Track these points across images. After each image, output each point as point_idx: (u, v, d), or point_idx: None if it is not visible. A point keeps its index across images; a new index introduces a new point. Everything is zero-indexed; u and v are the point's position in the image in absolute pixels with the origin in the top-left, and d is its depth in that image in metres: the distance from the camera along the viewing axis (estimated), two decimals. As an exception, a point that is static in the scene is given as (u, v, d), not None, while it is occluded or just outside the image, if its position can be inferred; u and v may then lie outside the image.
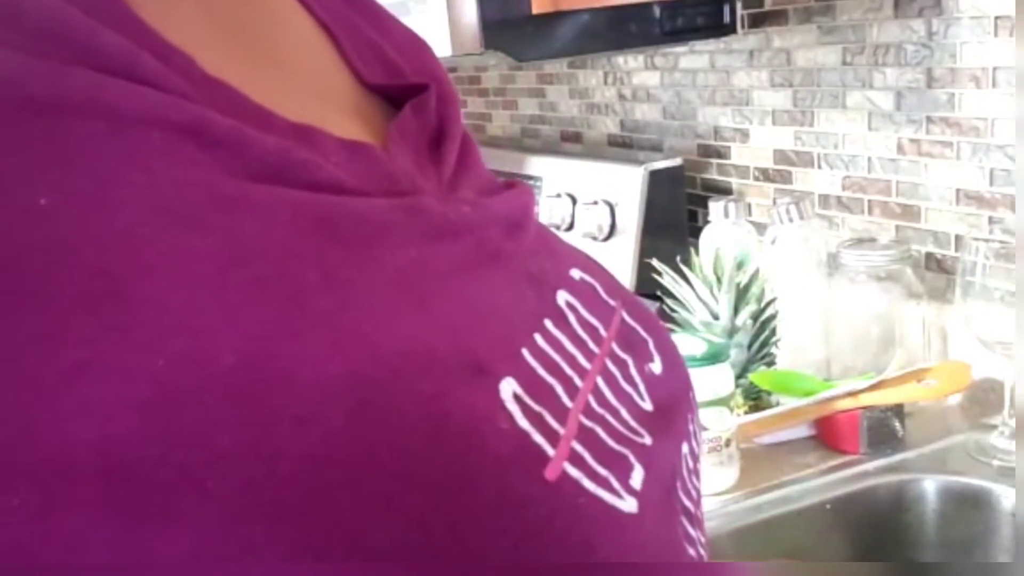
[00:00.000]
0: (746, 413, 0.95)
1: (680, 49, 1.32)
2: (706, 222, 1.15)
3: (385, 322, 0.25)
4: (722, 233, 1.11)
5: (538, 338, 0.30)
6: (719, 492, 0.84)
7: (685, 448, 0.36)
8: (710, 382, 0.83)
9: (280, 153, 0.26)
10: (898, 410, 0.90)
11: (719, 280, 0.97)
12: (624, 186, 1.29)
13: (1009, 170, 0.93)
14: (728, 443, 0.84)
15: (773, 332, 0.99)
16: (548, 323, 0.32)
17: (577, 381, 0.31)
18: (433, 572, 0.23)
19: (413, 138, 0.34)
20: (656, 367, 0.37)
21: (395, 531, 0.23)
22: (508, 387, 0.27)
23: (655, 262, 1.03)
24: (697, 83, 1.32)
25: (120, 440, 0.20)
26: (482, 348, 0.27)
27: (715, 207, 1.12)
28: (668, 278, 1.01)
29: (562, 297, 0.34)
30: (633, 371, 0.35)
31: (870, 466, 0.87)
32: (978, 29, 0.93)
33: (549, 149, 1.56)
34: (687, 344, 0.85)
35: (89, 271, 0.21)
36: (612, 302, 0.38)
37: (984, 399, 0.94)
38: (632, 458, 0.30)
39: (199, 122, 0.24)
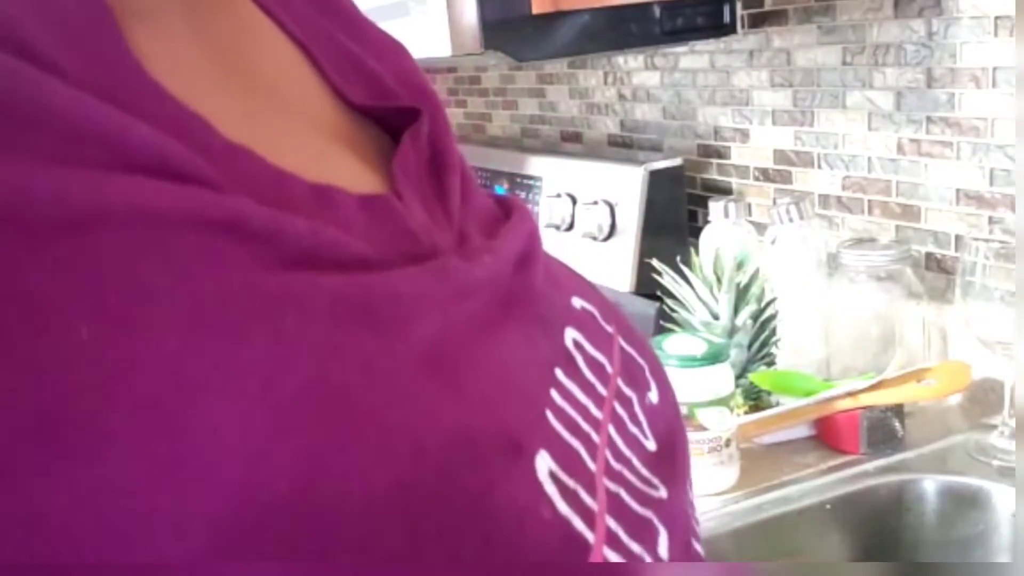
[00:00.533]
0: (746, 413, 0.95)
1: (680, 49, 1.32)
2: (706, 222, 1.15)
3: (425, 411, 0.25)
4: (722, 233, 1.11)
5: (554, 394, 0.30)
6: (719, 492, 0.84)
7: (689, 492, 0.36)
8: (710, 382, 0.83)
9: (311, 236, 0.25)
10: (898, 410, 0.90)
11: (719, 280, 0.97)
12: (624, 186, 1.29)
13: (1009, 170, 0.93)
14: (728, 443, 0.84)
15: (773, 332, 0.99)
16: (559, 372, 0.31)
17: (594, 436, 0.30)
18: None
19: (415, 173, 0.34)
20: (654, 396, 0.37)
21: None
22: (544, 464, 0.26)
23: (655, 262, 1.03)
24: (697, 83, 1.32)
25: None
26: (514, 419, 0.27)
27: (715, 207, 1.12)
28: (668, 278, 1.01)
29: (569, 336, 0.33)
30: (637, 408, 0.35)
31: (870, 466, 0.87)
32: (978, 29, 0.93)
33: (549, 149, 1.56)
34: (687, 344, 0.85)
35: (136, 405, 0.20)
36: (609, 328, 0.37)
37: (984, 399, 0.94)
38: (655, 520, 0.30)
39: (234, 216, 0.23)
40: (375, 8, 1.15)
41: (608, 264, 1.31)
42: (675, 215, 1.31)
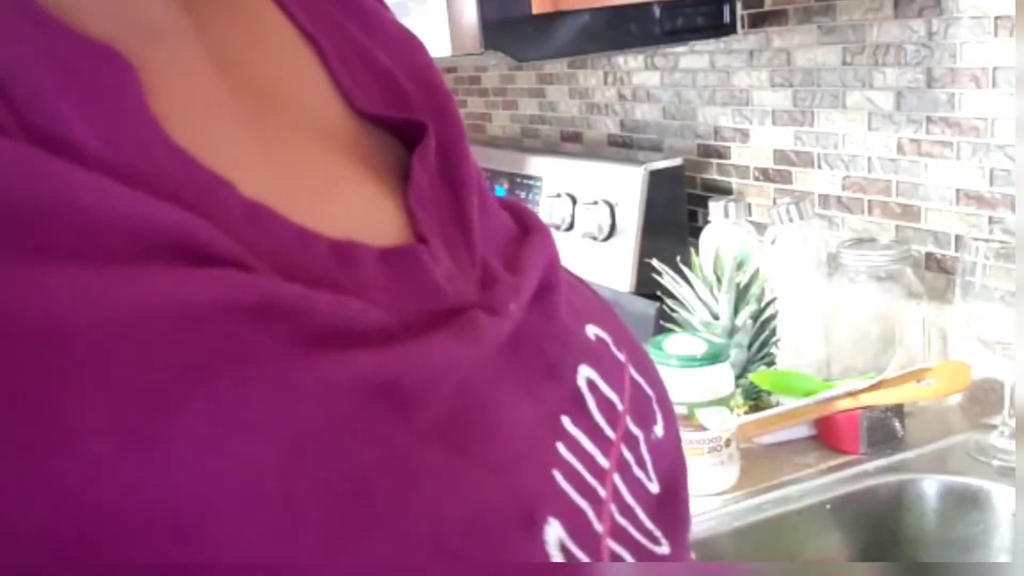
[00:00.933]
0: (746, 413, 0.95)
1: (680, 49, 1.32)
2: (706, 222, 1.15)
3: (443, 491, 0.24)
4: (722, 233, 1.11)
5: (560, 448, 0.29)
6: (719, 492, 0.84)
7: (689, 541, 0.36)
8: (710, 382, 0.83)
9: (337, 311, 0.25)
10: (898, 410, 0.90)
11: (719, 280, 0.97)
12: (624, 186, 1.29)
13: (1009, 170, 0.93)
14: (728, 443, 0.84)
15: (773, 332, 0.99)
16: (566, 421, 0.30)
17: (600, 491, 0.29)
18: None
19: (429, 197, 0.32)
20: (659, 430, 0.36)
21: None
22: (553, 533, 0.26)
23: (655, 262, 1.03)
24: (697, 83, 1.32)
25: None
26: (525, 488, 0.26)
27: (715, 207, 1.12)
28: (668, 278, 1.01)
29: (583, 375, 0.32)
30: (643, 448, 0.34)
31: (870, 466, 0.87)
32: (978, 29, 0.93)
33: (549, 149, 1.56)
34: (687, 344, 0.85)
35: (154, 528, 0.20)
36: (622, 357, 0.36)
37: (984, 399, 0.94)
38: None
39: (266, 299, 0.23)
40: (375, 8, 1.14)
41: (608, 264, 1.31)
42: (675, 215, 1.31)
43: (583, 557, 0.26)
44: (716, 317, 0.97)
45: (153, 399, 0.20)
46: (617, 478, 0.31)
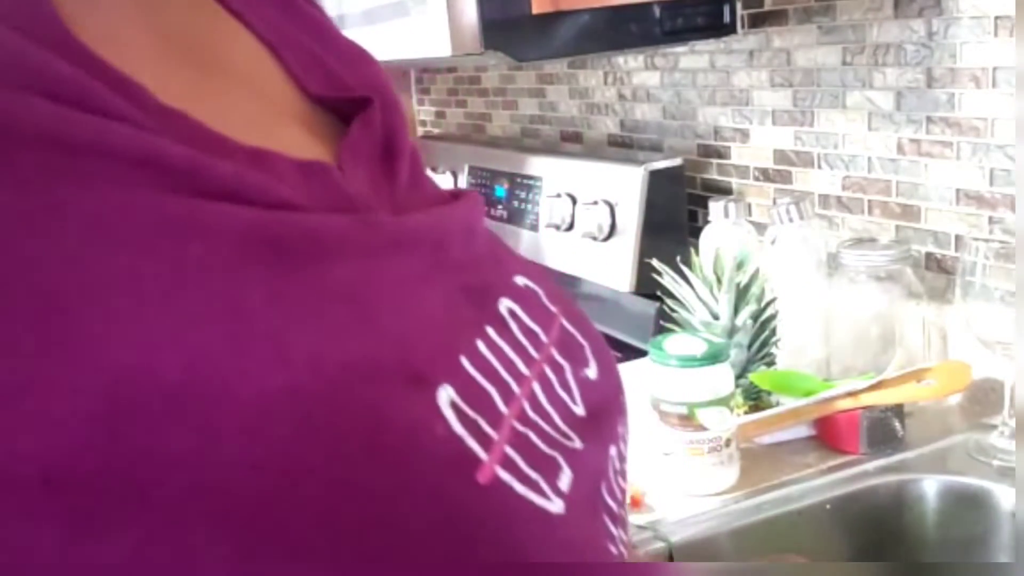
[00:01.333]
0: (746, 413, 0.95)
1: (680, 49, 1.32)
2: (706, 222, 1.15)
3: (329, 336, 0.26)
4: (722, 233, 1.11)
5: (480, 344, 0.32)
6: (719, 492, 0.84)
7: (613, 451, 0.38)
8: (710, 382, 0.83)
9: (234, 177, 0.26)
10: (898, 410, 0.90)
11: (719, 280, 0.97)
12: (624, 186, 1.29)
13: (1009, 170, 0.93)
14: (728, 443, 0.84)
15: (773, 332, 0.99)
16: (490, 330, 0.33)
17: (514, 387, 0.32)
18: (369, 574, 0.24)
19: (364, 154, 0.36)
20: (591, 372, 0.39)
21: (332, 536, 0.24)
22: (445, 394, 0.28)
23: (655, 262, 1.03)
24: (697, 83, 1.32)
25: (65, 452, 0.21)
26: (422, 357, 0.29)
27: (715, 207, 1.12)
28: (668, 278, 1.01)
29: (504, 304, 0.35)
30: (569, 376, 0.37)
31: (870, 466, 0.87)
32: (978, 29, 0.93)
33: (549, 149, 1.57)
34: (687, 344, 0.85)
35: (35, 292, 0.22)
36: (553, 308, 0.39)
37: (984, 399, 0.94)
38: (561, 460, 0.32)
39: (150, 150, 0.25)
40: (375, 8, 1.15)
41: (608, 264, 1.31)
42: (675, 215, 1.31)
43: (479, 420, 0.29)
44: (716, 317, 0.97)
45: (40, 205, 0.23)
46: (536, 386, 0.34)
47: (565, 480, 0.31)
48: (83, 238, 0.23)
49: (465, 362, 0.31)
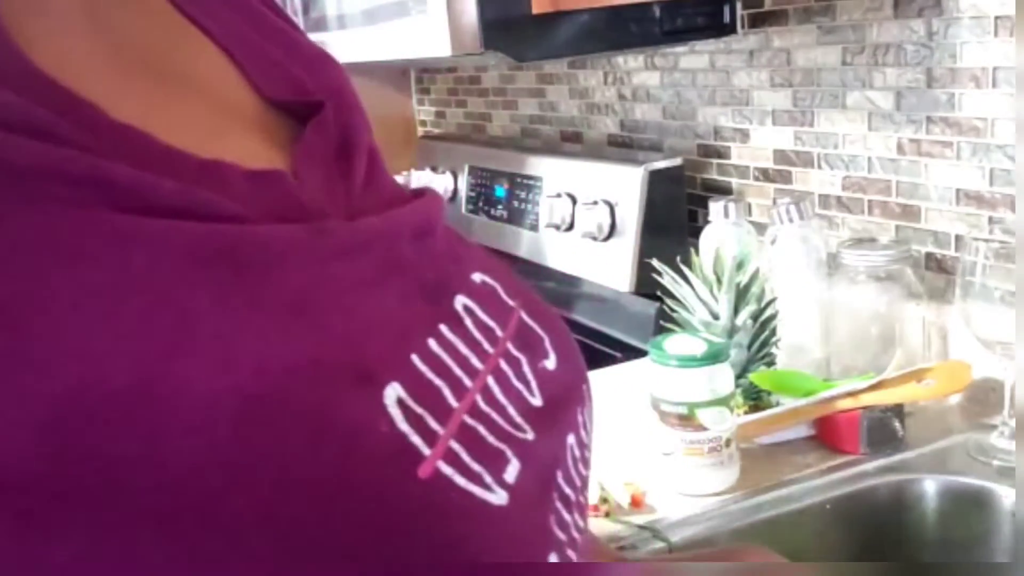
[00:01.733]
0: (746, 413, 0.95)
1: (680, 49, 1.32)
2: (706, 222, 1.15)
3: (274, 341, 0.27)
4: (722, 233, 1.11)
5: (432, 343, 0.33)
6: (719, 492, 0.84)
7: (571, 439, 0.39)
8: (710, 382, 0.83)
9: (179, 194, 0.27)
10: (898, 410, 0.90)
11: (719, 280, 0.97)
12: (624, 186, 1.29)
13: (1009, 170, 0.93)
14: (728, 443, 0.84)
15: (773, 332, 0.99)
16: (444, 327, 0.34)
17: (467, 381, 0.33)
18: (310, 572, 0.25)
19: (319, 156, 0.36)
20: (551, 363, 0.40)
21: (276, 533, 0.25)
22: (392, 392, 0.29)
23: (655, 262, 1.03)
24: (697, 83, 1.32)
25: (15, 457, 0.22)
26: (371, 357, 0.30)
27: (715, 207, 1.12)
28: (668, 278, 1.01)
29: (460, 301, 0.36)
30: (526, 369, 0.38)
31: (870, 466, 0.87)
32: (978, 29, 0.93)
33: (549, 149, 1.57)
34: (687, 344, 0.85)
35: None
36: (512, 303, 0.40)
37: (984, 399, 0.94)
38: (509, 453, 0.33)
39: (94, 171, 0.26)
40: (375, 8, 1.15)
41: (608, 264, 1.31)
42: (675, 215, 1.31)
43: (425, 416, 0.30)
44: (716, 317, 0.97)
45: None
46: (491, 380, 0.35)
47: (512, 471, 0.32)
48: (28, 253, 0.24)
49: (416, 360, 0.32)
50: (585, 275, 1.38)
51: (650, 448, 0.87)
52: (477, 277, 0.39)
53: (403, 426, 0.29)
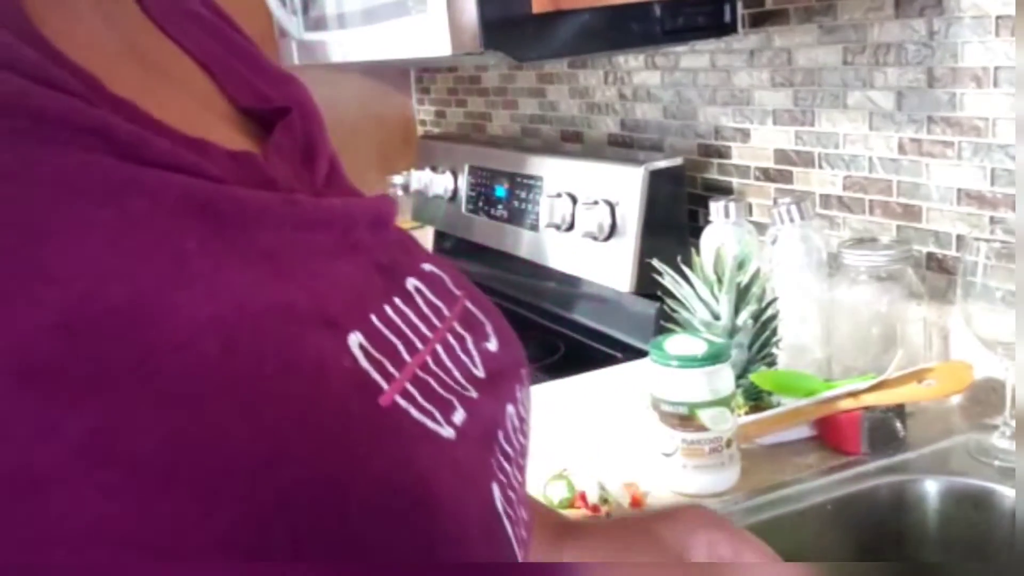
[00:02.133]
0: (747, 414, 0.95)
1: (681, 49, 1.32)
2: (707, 222, 1.15)
3: (252, 284, 0.31)
4: (723, 233, 1.11)
5: (387, 308, 0.37)
6: (720, 492, 0.84)
7: (511, 409, 0.43)
8: (711, 382, 0.83)
9: (171, 152, 0.31)
10: (899, 410, 0.90)
11: (720, 280, 0.97)
12: (624, 186, 1.29)
13: (1010, 170, 0.93)
14: (729, 443, 0.84)
15: (774, 332, 0.98)
16: (397, 300, 0.38)
17: (418, 344, 0.37)
18: (279, 479, 0.28)
19: (286, 153, 0.40)
20: (492, 345, 0.44)
21: (251, 432, 0.28)
22: (355, 339, 0.34)
23: (655, 262, 1.03)
24: (698, 83, 1.31)
25: (32, 349, 0.25)
26: (335, 310, 0.34)
27: (716, 207, 1.12)
28: (669, 278, 1.01)
29: (411, 283, 0.41)
30: (471, 345, 0.42)
31: (871, 466, 0.86)
32: (979, 29, 0.93)
33: (549, 149, 1.56)
34: (688, 344, 0.85)
35: (6, 225, 0.27)
36: (457, 292, 0.44)
37: (985, 399, 0.94)
38: (456, 403, 0.37)
39: (101, 124, 0.30)
40: (375, 7, 1.14)
41: (608, 264, 1.31)
42: (675, 215, 1.30)
43: (384, 361, 0.34)
44: (717, 317, 0.97)
45: (18, 157, 0.28)
46: (439, 347, 0.39)
47: (459, 417, 0.36)
48: (47, 189, 0.28)
49: (374, 319, 0.36)
50: (585, 275, 1.38)
51: (650, 448, 0.86)
52: (426, 267, 0.43)
53: (365, 364, 0.33)
